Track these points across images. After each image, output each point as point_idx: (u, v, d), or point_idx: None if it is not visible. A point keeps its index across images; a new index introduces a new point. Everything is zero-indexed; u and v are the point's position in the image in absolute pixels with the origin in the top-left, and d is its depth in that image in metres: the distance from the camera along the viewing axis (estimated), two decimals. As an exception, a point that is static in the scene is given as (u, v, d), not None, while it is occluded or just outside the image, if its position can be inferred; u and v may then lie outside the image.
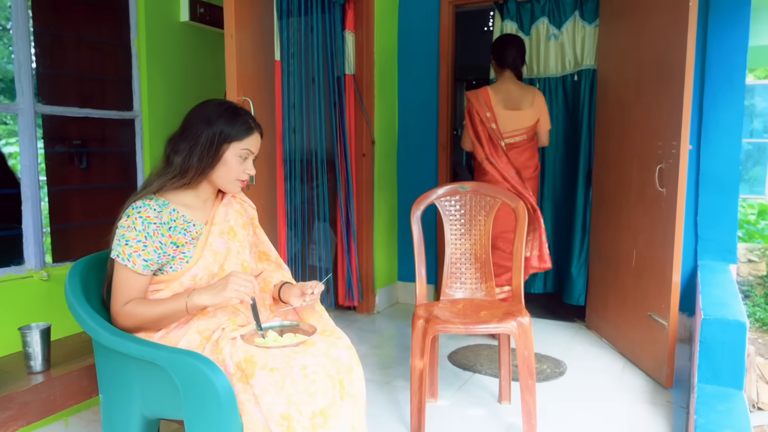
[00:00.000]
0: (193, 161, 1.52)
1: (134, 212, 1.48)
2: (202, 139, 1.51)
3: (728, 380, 2.10)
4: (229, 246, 1.60)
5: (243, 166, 1.57)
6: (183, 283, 1.52)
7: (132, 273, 1.46)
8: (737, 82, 2.95)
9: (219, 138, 1.53)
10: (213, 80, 2.80)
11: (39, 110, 2.14)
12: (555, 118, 3.56)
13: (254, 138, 1.58)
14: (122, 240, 1.46)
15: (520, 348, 2.02)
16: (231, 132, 1.53)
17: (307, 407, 1.33)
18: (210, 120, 1.53)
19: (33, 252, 2.07)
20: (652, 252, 2.65)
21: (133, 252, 1.45)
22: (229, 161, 1.55)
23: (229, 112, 1.56)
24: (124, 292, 1.47)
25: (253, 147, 1.58)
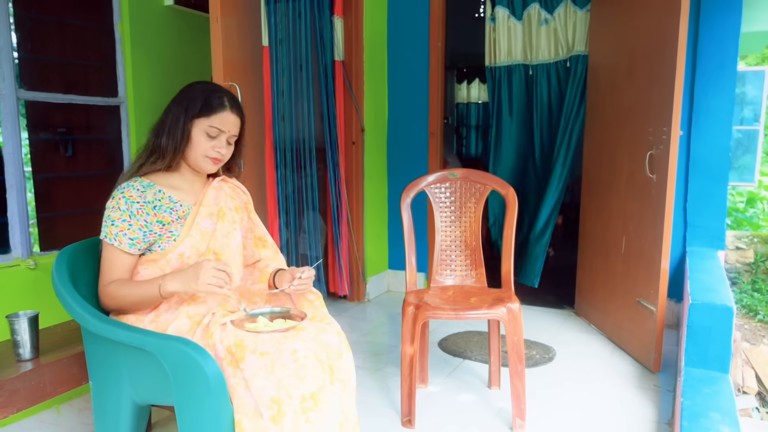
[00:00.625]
0: (168, 141, 1.52)
1: (118, 193, 1.50)
2: (173, 118, 1.52)
3: (715, 364, 2.13)
4: (217, 227, 1.60)
5: (211, 144, 1.54)
6: (170, 261, 1.52)
7: (118, 252, 1.48)
8: (729, 68, 2.95)
9: (185, 114, 1.52)
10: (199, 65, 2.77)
11: (21, 96, 2.11)
12: (547, 104, 3.56)
13: (224, 116, 1.53)
14: (108, 220, 1.48)
15: (510, 334, 2.03)
16: (198, 108, 1.52)
17: (297, 391, 1.33)
18: (183, 99, 1.53)
19: (19, 240, 2.05)
20: (641, 238, 2.66)
21: (119, 231, 1.46)
22: (194, 138, 1.53)
23: (206, 90, 1.55)
24: (109, 271, 1.49)
25: (222, 125, 1.53)
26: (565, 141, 3.44)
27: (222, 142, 1.56)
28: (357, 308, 3.60)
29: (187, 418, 1.34)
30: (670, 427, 2.09)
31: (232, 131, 1.57)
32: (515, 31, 3.57)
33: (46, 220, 2.39)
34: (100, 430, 1.57)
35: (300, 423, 1.32)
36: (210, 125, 1.53)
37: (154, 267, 1.52)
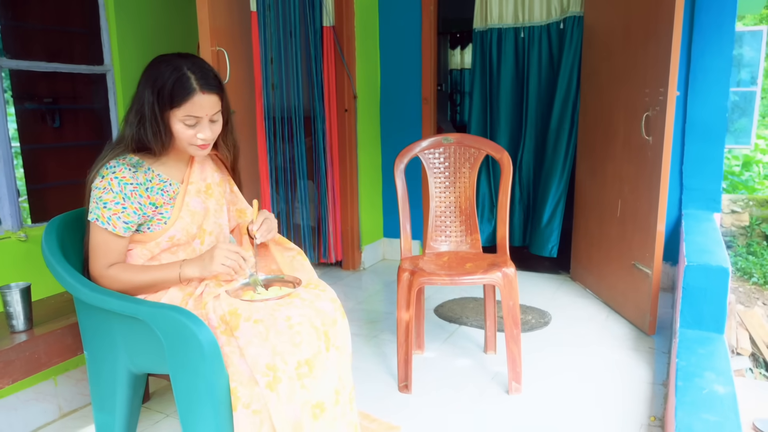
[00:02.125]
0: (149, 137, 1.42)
1: (109, 173, 1.42)
2: (146, 110, 1.40)
3: (710, 325, 2.14)
4: (207, 205, 1.57)
5: (192, 131, 1.43)
6: (160, 243, 1.50)
7: (112, 236, 1.43)
8: (727, 27, 2.90)
9: (159, 106, 1.39)
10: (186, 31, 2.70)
11: (4, 65, 2.06)
12: (540, 67, 3.50)
13: (195, 101, 1.40)
14: (100, 203, 1.41)
15: (505, 298, 2.04)
16: (167, 98, 1.38)
17: (292, 357, 1.33)
18: (152, 84, 1.40)
19: (9, 212, 2.03)
20: (637, 201, 2.65)
21: (113, 215, 1.41)
22: (174, 129, 1.43)
23: (172, 73, 1.39)
24: (105, 255, 1.44)
25: (197, 111, 1.41)
26: (569, 106, 3.39)
27: (203, 126, 1.44)
28: (352, 276, 3.61)
29: (182, 386, 1.34)
30: (665, 387, 2.12)
31: (209, 112, 1.44)
32: None
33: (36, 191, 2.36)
34: (97, 399, 1.58)
35: (295, 389, 1.33)
36: (184, 115, 1.41)
37: (143, 248, 1.50)
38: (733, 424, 1.44)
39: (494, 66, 3.61)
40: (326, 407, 1.38)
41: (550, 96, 3.51)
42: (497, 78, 3.61)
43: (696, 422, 1.46)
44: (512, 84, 3.61)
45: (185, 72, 1.40)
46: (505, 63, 3.57)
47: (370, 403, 2.03)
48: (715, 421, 1.46)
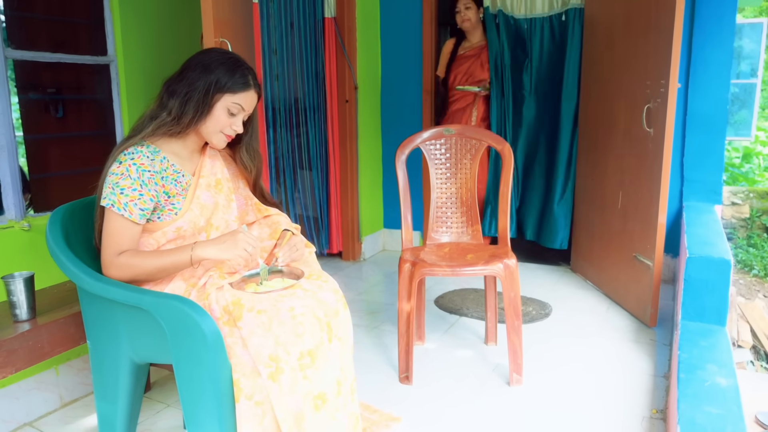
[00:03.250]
0: (189, 109, 1.48)
1: (127, 158, 1.44)
2: (198, 86, 1.47)
3: (711, 317, 2.13)
4: (216, 200, 1.58)
5: (230, 121, 1.53)
6: (166, 233, 1.51)
7: (127, 222, 1.43)
8: (727, 19, 2.90)
9: (214, 87, 1.48)
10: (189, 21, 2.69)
11: (9, 55, 2.06)
12: (542, 59, 3.48)
13: (249, 95, 1.53)
14: (116, 188, 1.42)
15: (507, 290, 2.04)
16: (227, 83, 1.49)
17: (295, 348, 1.34)
18: (209, 67, 1.49)
19: (13, 202, 2.04)
20: (638, 193, 2.65)
21: (129, 201, 1.41)
22: (216, 112, 1.51)
23: (230, 62, 1.51)
24: (117, 242, 1.43)
25: (245, 104, 1.53)
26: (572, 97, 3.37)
27: (239, 119, 1.55)
28: (353, 267, 3.62)
29: (185, 376, 1.35)
30: (667, 380, 2.13)
31: (249, 110, 1.56)
32: None
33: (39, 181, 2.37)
34: (99, 388, 1.59)
35: (298, 380, 1.33)
36: (234, 102, 1.51)
37: (149, 237, 1.50)
38: (735, 417, 1.44)
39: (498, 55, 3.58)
40: (328, 398, 1.39)
41: (551, 87, 3.50)
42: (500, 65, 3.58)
43: (698, 415, 1.45)
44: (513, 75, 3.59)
45: (243, 65, 1.54)
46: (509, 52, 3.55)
47: (371, 394, 2.04)
48: (718, 413, 1.46)
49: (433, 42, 3.71)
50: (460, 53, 3.49)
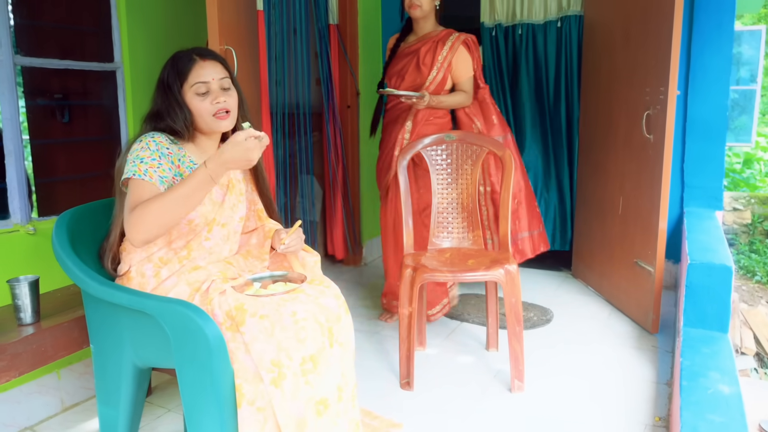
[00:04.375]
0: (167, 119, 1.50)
1: (146, 138, 1.47)
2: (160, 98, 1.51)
3: (713, 324, 2.13)
4: (225, 198, 1.59)
5: (208, 99, 1.51)
6: (179, 225, 1.51)
7: (147, 184, 1.42)
8: (726, 27, 2.92)
9: (171, 90, 1.49)
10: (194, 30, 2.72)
11: (18, 62, 2.08)
12: (539, 65, 3.50)
13: (199, 67, 1.50)
14: (137, 160, 1.43)
15: (508, 295, 2.05)
16: (176, 75, 1.50)
17: (297, 353, 1.35)
18: (161, 77, 1.52)
19: (18, 206, 2.06)
20: (638, 199, 2.66)
21: (149, 168, 1.43)
22: (192, 105, 1.51)
23: (172, 59, 1.52)
24: (133, 204, 1.40)
25: (203, 77, 1.49)
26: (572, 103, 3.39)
27: (216, 92, 1.51)
28: (354, 272, 3.63)
29: (188, 381, 1.36)
30: (669, 387, 2.12)
31: (216, 77, 1.51)
32: None
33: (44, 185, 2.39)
34: (101, 392, 1.60)
35: (300, 385, 1.34)
36: (193, 83, 1.50)
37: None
38: (739, 425, 1.43)
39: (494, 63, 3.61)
40: (329, 404, 1.40)
41: (551, 93, 3.51)
42: (497, 76, 3.61)
43: (701, 423, 1.45)
44: (511, 82, 3.61)
45: (184, 51, 1.54)
46: (505, 61, 3.57)
47: (372, 401, 2.05)
48: (721, 422, 1.45)
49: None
50: (402, 49, 2.73)
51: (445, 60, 2.56)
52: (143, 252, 1.51)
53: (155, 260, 1.51)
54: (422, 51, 2.60)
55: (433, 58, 2.57)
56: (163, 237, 1.51)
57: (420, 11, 2.58)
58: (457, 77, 2.62)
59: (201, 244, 1.55)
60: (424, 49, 2.59)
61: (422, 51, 2.60)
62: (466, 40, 2.61)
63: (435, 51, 2.57)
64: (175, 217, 1.40)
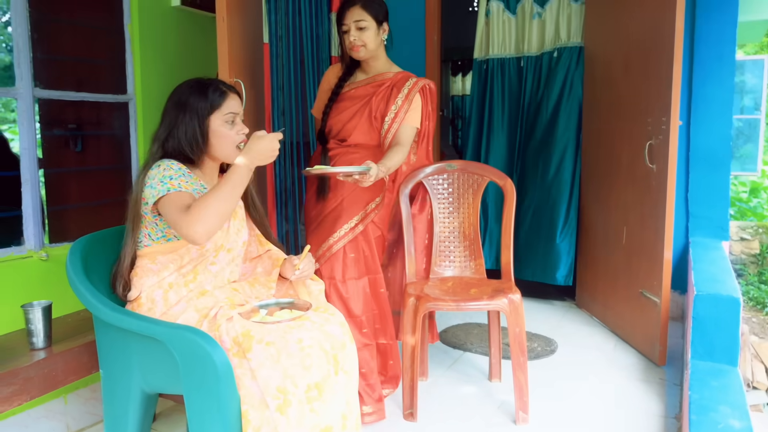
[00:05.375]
0: (185, 145, 1.54)
1: (164, 162, 1.51)
2: (180, 123, 1.54)
3: (722, 356, 2.10)
4: (231, 224, 1.64)
5: (234, 130, 1.59)
6: (189, 250, 1.56)
7: (186, 194, 1.47)
8: (727, 57, 2.96)
9: (198, 115, 1.55)
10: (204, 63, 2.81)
11: (37, 95, 2.17)
12: (540, 96, 3.54)
13: (231, 100, 1.59)
14: (165, 179, 1.47)
15: (512, 325, 2.05)
16: (207, 104, 1.55)
17: (303, 380, 1.36)
18: (182, 103, 1.56)
19: (33, 233, 2.11)
20: (643, 229, 2.67)
21: (180, 182, 1.48)
22: (218, 131, 1.57)
23: (197, 86, 1.57)
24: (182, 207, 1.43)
25: (234, 108, 1.59)
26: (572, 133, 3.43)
27: (240, 125, 1.61)
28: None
29: (195, 407, 1.38)
30: (678, 421, 2.08)
31: (240, 111, 1.62)
32: (509, 25, 3.58)
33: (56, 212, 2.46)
34: (109, 417, 1.61)
35: (305, 412, 1.36)
36: (224, 114, 1.57)
37: (174, 254, 1.56)
38: (751, 461, 1.39)
39: (494, 94, 3.67)
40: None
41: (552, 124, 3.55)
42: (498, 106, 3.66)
43: (713, 458, 1.41)
44: (510, 112, 3.65)
45: (210, 81, 1.60)
46: (506, 92, 3.63)
47: (375, 431, 2.03)
48: (734, 458, 1.41)
49: (437, 79, 3.79)
50: (347, 91, 2.21)
51: (399, 111, 2.13)
52: (154, 276, 1.55)
53: (165, 286, 1.54)
54: (374, 102, 2.15)
55: (386, 108, 2.14)
56: (175, 261, 1.55)
57: (365, 51, 2.13)
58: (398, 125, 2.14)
59: (207, 268, 1.59)
60: (377, 99, 2.15)
61: (374, 102, 2.15)
62: (424, 88, 2.19)
63: (388, 100, 2.14)
64: (230, 208, 1.45)
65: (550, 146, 3.55)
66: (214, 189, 1.44)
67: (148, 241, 1.57)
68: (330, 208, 2.14)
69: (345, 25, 2.11)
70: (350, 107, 2.18)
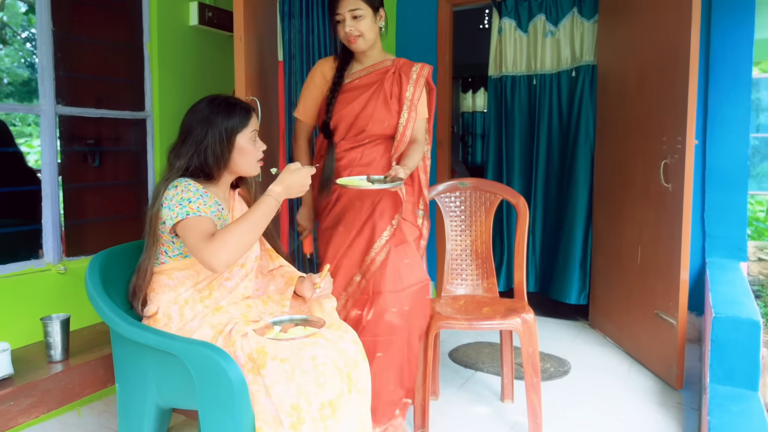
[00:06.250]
0: (211, 161, 1.57)
1: (181, 183, 1.54)
2: (208, 140, 1.57)
3: (742, 381, 2.05)
4: None
5: (257, 147, 1.65)
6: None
7: (205, 219, 1.49)
8: (743, 75, 2.93)
9: (227, 133, 1.58)
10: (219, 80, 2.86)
11: (59, 111, 2.22)
12: (554, 115, 3.56)
13: (254, 118, 1.66)
14: (184, 201, 1.49)
15: (525, 345, 2.03)
16: (235, 124, 1.60)
17: (316, 398, 1.36)
18: (210, 120, 1.59)
19: (51, 246, 2.14)
20: (658, 249, 2.65)
21: (199, 206, 1.50)
22: (244, 148, 1.61)
23: (224, 105, 1.61)
24: (203, 234, 1.45)
25: (256, 126, 1.67)
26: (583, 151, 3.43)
27: (259, 140, 1.67)
28: (373, 318, 3.61)
29: (210, 422, 1.38)
30: (696, 446, 2.05)
31: (258, 128, 1.68)
32: (521, 43, 3.61)
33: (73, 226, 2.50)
34: (124, 431, 1.62)
35: (318, 430, 1.35)
36: (249, 132, 1.63)
37: (190, 270, 1.57)
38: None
39: (510, 112, 3.69)
40: (347, 450, 1.40)
41: (566, 142, 3.57)
42: (513, 123, 3.68)
43: (733, 486, 1.38)
44: (527, 130, 3.67)
45: (238, 101, 1.65)
46: (521, 109, 3.66)
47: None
48: (756, 487, 1.38)
49: (448, 96, 3.81)
50: (350, 82, 2.04)
51: (413, 98, 1.99)
52: (171, 292, 1.57)
53: (181, 301, 1.56)
54: (386, 85, 2.00)
55: (400, 91, 1.99)
56: (191, 278, 1.57)
57: (363, 42, 1.97)
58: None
59: (222, 284, 1.60)
60: (388, 83, 2.00)
61: (386, 85, 2.00)
62: (430, 72, 2.09)
63: (400, 84, 2.00)
64: (252, 240, 1.48)
65: (565, 164, 3.56)
66: (241, 219, 1.47)
67: (164, 258, 1.59)
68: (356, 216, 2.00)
69: (339, 14, 1.94)
70: (360, 95, 2.00)
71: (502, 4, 3.61)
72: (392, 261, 1.98)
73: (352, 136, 2.01)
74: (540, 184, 3.63)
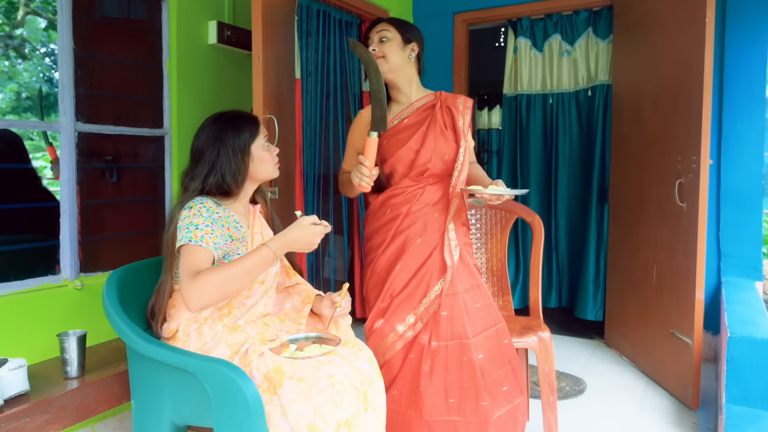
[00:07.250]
0: (227, 178, 1.58)
1: (196, 204, 1.54)
2: (222, 159, 1.58)
3: (759, 402, 2.04)
4: None
5: (270, 152, 1.68)
6: None
7: (203, 250, 1.47)
8: (757, 95, 2.95)
9: (241, 147, 1.61)
10: (237, 98, 2.90)
11: (78, 128, 2.25)
12: (569, 133, 3.59)
13: (261, 125, 1.69)
14: (191, 226, 1.49)
15: (541, 363, 2.02)
16: (245, 137, 1.62)
17: (333, 417, 1.36)
18: (219, 138, 1.60)
19: (69, 262, 2.16)
20: (673, 268, 2.63)
21: (204, 234, 1.49)
22: (261, 156, 1.64)
23: (231, 121, 1.63)
24: (194, 268, 1.45)
25: (265, 131, 1.70)
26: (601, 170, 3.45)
27: (271, 145, 1.70)
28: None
29: (225, 440, 1.38)
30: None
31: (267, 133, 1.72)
32: (536, 62, 3.63)
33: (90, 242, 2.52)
34: (140, 449, 1.62)
35: (334, 450, 1.35)
36: (261, 141, 1.65)
37: None
38: None
39: (525, 130, 3.71)
40: (362, 469, 1.39)
41: (580, 161, 3.58)
42: (529, 141, 3.71)
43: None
44: (542, 148, 3.70)
45: (241, 114, 1.69)
46: (535, 128, 3.68)
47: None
48: None
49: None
50: (395, 124, 1.95)
51: (465, 127, 1.95)
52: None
53: (200, 320, 1.56)
54: (438, 116, 1.92)
55: (453, 124, 1.93)
56: None
57: (385, 64, 1.88)
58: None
59: (242, 302, 1.60)
60: (439, 115, 1.93)
61: (438, 116, 1.92)
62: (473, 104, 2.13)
63: (452, 116, 1.94)
64: (235, 290, 1.48)
65: (580, 182, 3.57)
66: (231, 265, 1.45)
67: None
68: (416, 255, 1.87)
69: (369, 38, 1.93)
70: (415, 133, 1.91)
71: (518, 24, 3.65)
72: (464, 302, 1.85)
73: (414, 176, 1.92)
74: (561, 201, 3.64)
